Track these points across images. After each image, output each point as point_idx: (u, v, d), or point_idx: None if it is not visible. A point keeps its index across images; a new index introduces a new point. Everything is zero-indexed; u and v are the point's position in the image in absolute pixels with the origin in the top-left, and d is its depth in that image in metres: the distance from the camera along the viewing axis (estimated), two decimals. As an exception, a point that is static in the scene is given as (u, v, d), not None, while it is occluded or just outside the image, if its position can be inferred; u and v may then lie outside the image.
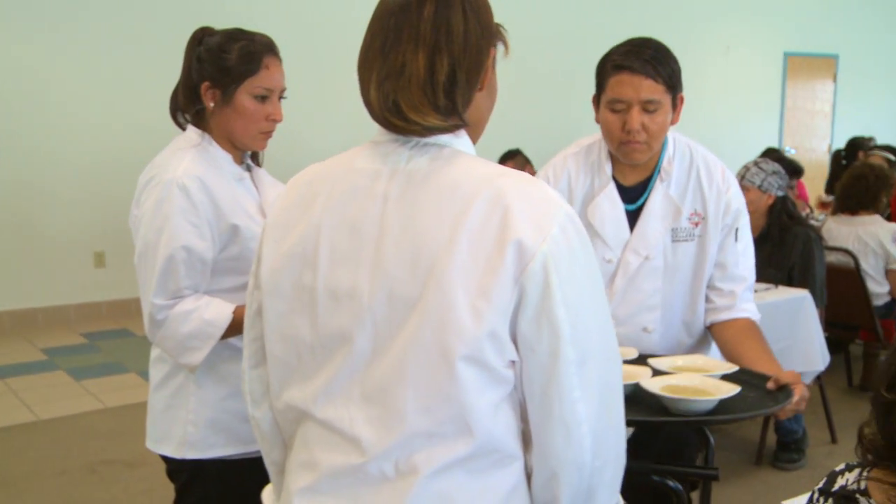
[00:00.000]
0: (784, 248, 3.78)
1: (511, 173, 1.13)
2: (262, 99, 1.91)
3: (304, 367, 1.19)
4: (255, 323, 1.28)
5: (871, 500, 1.13)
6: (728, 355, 2.14)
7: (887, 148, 6.12)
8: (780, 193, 3.82)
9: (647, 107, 2.00)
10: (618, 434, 1.17)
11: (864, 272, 4.29)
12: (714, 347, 2.25)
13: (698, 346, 2.25)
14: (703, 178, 2.16)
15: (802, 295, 3.61)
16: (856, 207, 4.52)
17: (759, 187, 3.78)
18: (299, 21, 7.06)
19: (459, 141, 1.17)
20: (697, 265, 2.17)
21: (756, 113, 10.51)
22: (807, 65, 10.77)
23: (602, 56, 2.08)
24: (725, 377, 1.89)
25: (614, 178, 2.17)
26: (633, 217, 2.16)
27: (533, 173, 2.27)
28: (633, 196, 2.17)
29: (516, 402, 1.14)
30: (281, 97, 1.96)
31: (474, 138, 1.22)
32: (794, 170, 5.10)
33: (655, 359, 2.00)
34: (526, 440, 1.16)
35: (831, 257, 4.25)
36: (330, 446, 1.16)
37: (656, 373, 1.93)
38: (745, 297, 2.20)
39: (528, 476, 1.17)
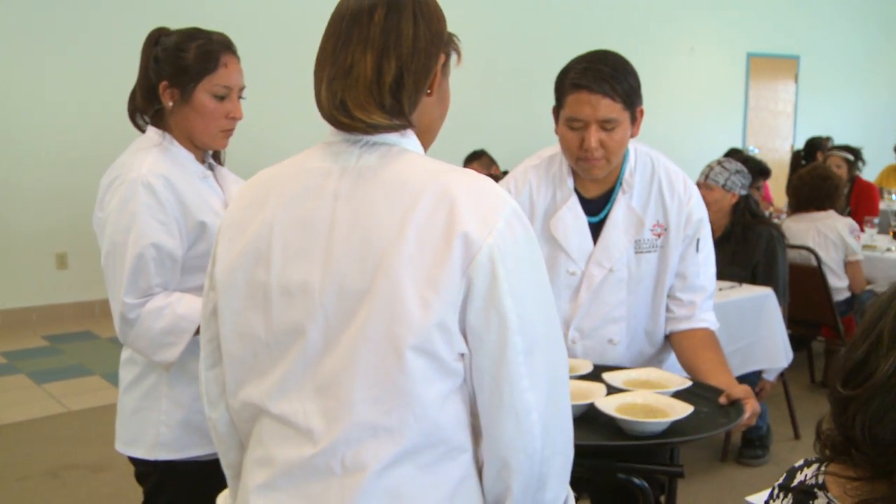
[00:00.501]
0: (748, 246, 3.83)
1: (457, 170, 1.16)
2: (221, 97, 1.90)
3: (260, 364, 1.20)
4: (211, 323, 1.29)
5: (829, 494, 1.15)
6: (685, 365, 2.17)
7: (845, 148, 6.21)
8: (744, 192, 3.86)
9: (605, 125, 2.00)
10: (565, 424, 1.20)
11: (825, 267, 4.36)
12: (673, 356, 2.27)
13: (659, 354, 2.27)
14: (664, 189, 2.17)
15: (766, 293, 3.66)
16: (808, 208, 4.61)
17: (723, 186, 3.82)
18: (256, 20, 7.02)
19: (407, 140, 1.20)
20: (659, 276, 2.18)
21: (720, 113, 10.63)
22: (769, 66, 10.92)
23: (561, 70, 2.08)
24: (679, 393, 1.93)
25: (576, 191, 2.17)
26: (595, 229, 2.16)
27: (499, 173, 2.27)
28: (596, 209, 2.17)
29: (466, 396, 1.17)
30: (240, 96, 1.95)
31: (426, 143, 1.25)
32: (760, 171, 5.15)
33: (610, 373, 2.02)
34: (476, 434, 1.19)
35: (793, 255, 4.31)
36: (285, 441, 1.18)
37: (611, 390, 1.96)
38: (704, 306, 2.22)
39: (480, 470, 1.20)
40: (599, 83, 1.99)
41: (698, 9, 9.98)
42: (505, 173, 3.86)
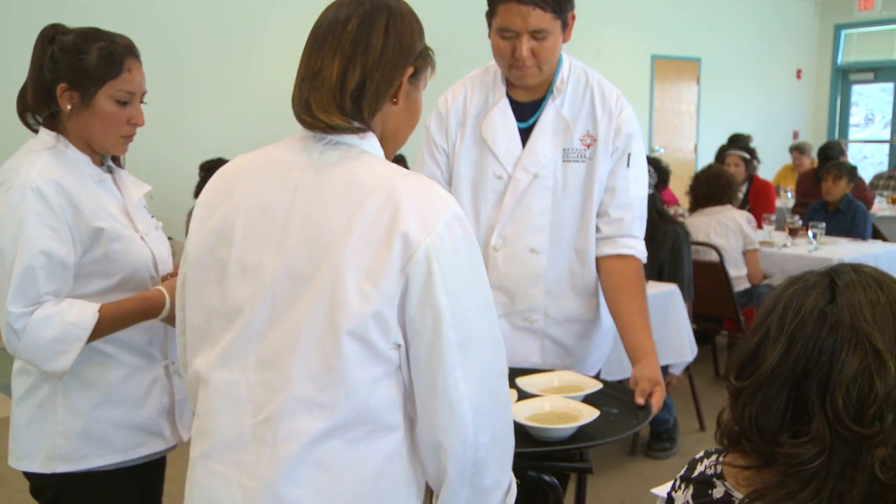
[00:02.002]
0: (654, 244, 3.91)
1: (408, 175, 1.25)
2: (124, 103, 1.83)
3: (213, 334, 1.30)
4: (181, 293, 1.39)
5: (726, 483, 1.19)
6: (610, 307, 2.18)
7: (742, 147, 6.41)
8: (650, 191, 3.95)
9: (536, 35, 2.01)
10: (503, 414, 1.29)
11: (726, 256, 4.51)
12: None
13: (590, 281, 2.22)
14: (596, 101, 2.17)
15: (671, 289, 3.75)
16: (706, 204, 4.80)
17: None
18: (144, 20, 6.85)
19: (367, 143, 1.29)
20: (587, 188, 2.15)
21: (626, 114, 10.86)
22: (672, 67, 11.22)
23: None
24: (591, 396, 1.97)
25: (508, 96, 2.18)
26: (525, 135, 2.16)
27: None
28: (527, 114, 2.17)
29: (400, 381, 1.26)
30: (142, 101, 1.89)
31: (392, 148, 1.35)
32: (663, 178, 5.25)
33: (523, 378, 2.05)
34: (412, 417, 1.28)
35: (696, 251, 4.44)
36: (221, 412, 1.27)
37: (522, 395, 1.98)
38: (633, 228, 2.19)
39: (416, 451, 1.30)
40: None
41: (603, 12, 10.17)
42: None
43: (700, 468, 1.26)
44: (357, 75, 1.25)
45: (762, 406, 1.11)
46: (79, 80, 1.78)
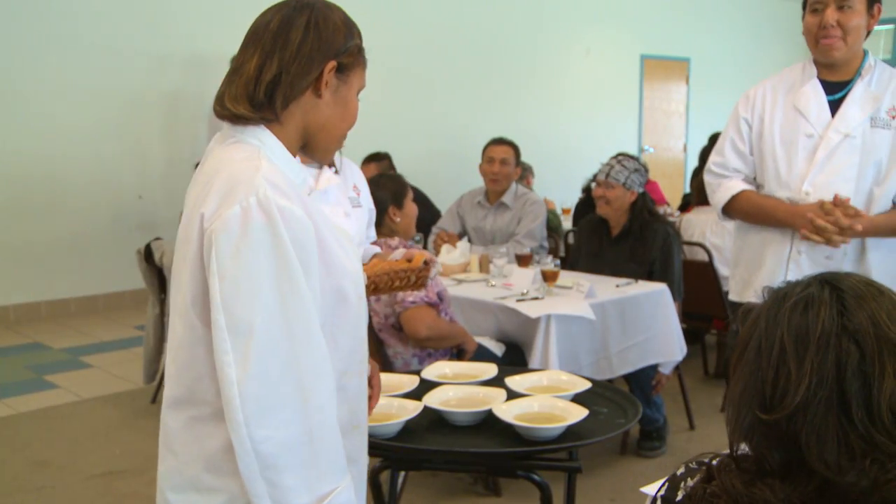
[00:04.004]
0: (645, 243, 3.92)
1: (241, 162, 1.30)
2: None
3: None
4: None
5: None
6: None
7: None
8: (641, 190, 3.96)
9: (842, 6, 2.39)
10: (310, 420, 1.27)
11: (721, 255, 4.51)
12: None
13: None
14: None
15: (661, 289, 3.75)
16: (706, 202, 4.77)
17: (624, 184, 3.90)
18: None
19: (250, 133, 1.36)
20: (892, 153, 2.50)
21: (616, 113, 10.88)
22: (662, 67, 11.24)
23: None
24: (580, 395, 1.97)
25: (818, 78, 2.56)
26: (834, 106, 2.54)
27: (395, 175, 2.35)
28: (835, 90, 2.55)
29: None
30: None
31: (324, 140, 1.42)
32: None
33: (512, 378, 2.05)
34: None
35: (687, 252, 4.44)
36: None
37: (511, 395, 1.98)
38: None
39: None
40: None
41: (593, 12, 10.18)
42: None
43: (683, 491, 1.17)
44: (274, 68, 1.33)
45: (811, 433, 1.02)
46: None
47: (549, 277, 3.61)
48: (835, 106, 2.54)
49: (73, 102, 6.50)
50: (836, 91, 2.56)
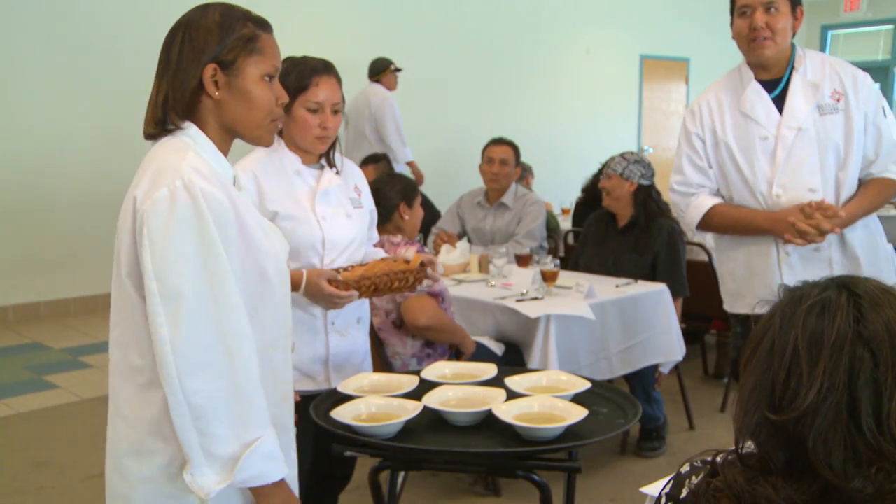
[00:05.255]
0: (650, 235, 3.92)
1: (173, 153, 1.48)
2: (314, 111, 2.29)
3: None
4: None
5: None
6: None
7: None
8: (645, 182, 3.97)
9: (769, 7, 2.48)
10: (236, 375, 1.43)
11: (716, 262, 4.50)
12: None
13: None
14: (837, 67, 2.60)
15: (661, 288, 3.75)
16: None
17: (621, 175, 3.93)
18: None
19: (183, 133, 1.54)
20: (847, 136, 2.55)
21: (616, 113, 10.88)
22: (661, 67, 11.24)
23: None
24: (579, 395, 1.97)
25: (756, 80, 2.62)
26: (778, 103, 2.59)
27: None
28: (773, 88, 2.61)
29: None
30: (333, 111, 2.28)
31: (246, 134, 1.58)
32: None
33: (511, 378, 2.05)
34: None
35: (687, 252, 4.44)
36: None
37: (511, 395, 1.98)
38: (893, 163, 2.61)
39: None
40: None
41: (593, 12, 10.19)
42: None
43: (688, 489, 1.17)
44: (164, 88, 1.52)
45: (818, 437, 1.02)
46: None
47: (548, 277, 3.61)
48: (779, 103, 2.60)
49: (72, 103, 6.51)
50: (774, 88, 2.61)
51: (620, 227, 4.04)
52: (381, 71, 7.22)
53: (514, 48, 9.30)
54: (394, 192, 3.26)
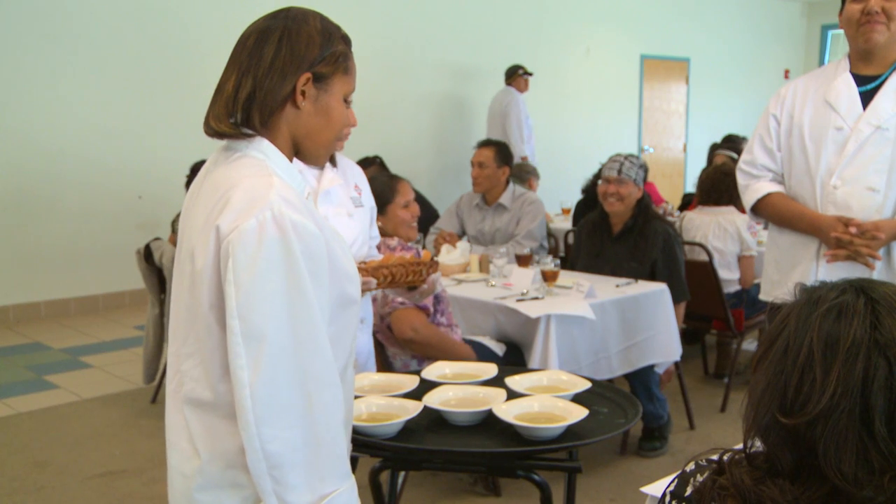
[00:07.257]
0: (647, 241, 3.91)
1: (257, 177, 1.36)
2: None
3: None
4: None
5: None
6: None
7: (731, 148, 6.42)
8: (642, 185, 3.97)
9: None
10: (316, 422, 1.35)
11: (720, 259, 4.51)
12: None
13: None
14: None
15: (661, 288, 3.75)
16: (707, 202, 4.78)
17: (634, 181, 3.90)
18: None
19: (252, 148, 1.42)
20: None
21: (617, 112, 10.88)
22: (662, 67, 11.24)
23: None
24: (580, 395, 1.97)
25: (851, 73, 2.58)
26: (866, 98, 2.55)
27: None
28: (868, 82, 2.57)
29: None
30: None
31: (311, 148, 1.48)
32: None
33: (512, 378, 2.05)
34: None
35: (687, 251, 4.44)
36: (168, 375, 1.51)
37: (512, 395, 1.99)
38: None
39: None
40: None
41: (593, 12, 10.19)
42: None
43: (693, 484, 1.17)
44: (248, 85, 1.40)
45: (830, 443, 1.02)
46: None
47: (548, 277, 3.61)
48: (867, 98, 2.56)
49: (72, 103, 6.51)
50: (868, 83, 2.58)
51: (615, 235, 4.01)
52: (511, 75, 8.37)
53: (515, 48, 9.30)
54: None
